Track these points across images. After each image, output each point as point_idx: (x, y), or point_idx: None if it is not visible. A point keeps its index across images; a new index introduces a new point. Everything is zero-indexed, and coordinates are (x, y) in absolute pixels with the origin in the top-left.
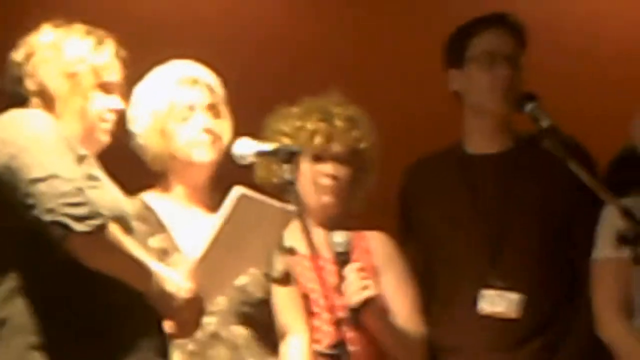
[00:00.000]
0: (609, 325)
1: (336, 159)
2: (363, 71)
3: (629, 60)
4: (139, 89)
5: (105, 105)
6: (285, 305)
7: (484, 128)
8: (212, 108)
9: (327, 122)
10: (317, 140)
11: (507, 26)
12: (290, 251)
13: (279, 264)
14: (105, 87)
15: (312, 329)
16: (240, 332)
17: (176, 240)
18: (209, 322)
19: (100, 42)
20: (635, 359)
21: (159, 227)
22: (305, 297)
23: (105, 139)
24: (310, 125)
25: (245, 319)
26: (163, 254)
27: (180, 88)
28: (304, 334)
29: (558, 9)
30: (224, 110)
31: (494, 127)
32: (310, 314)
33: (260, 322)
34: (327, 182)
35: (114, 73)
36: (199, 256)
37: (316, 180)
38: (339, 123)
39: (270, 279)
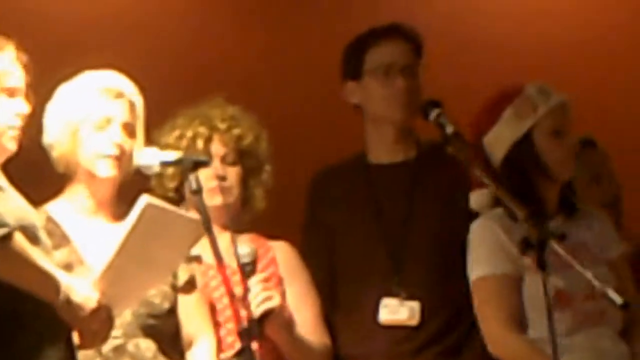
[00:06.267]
0: (501, 340)
1: (222, 159)
2: (270, 81)
3: (539, 56)
4: (64, 88)
5: (7, 109)
6: (190, 313)
7: (385, 139)
8: (128, 127)
9: (207, 125)
10: (199, 144)
11: (402, 36)
12: (196, 259)
13: (183, 273)
14: (7, 93)
15: (218, 339)
16: (146, 345)
17: (81, 253)
18: (114, 335)
19: None
20: None
21: (63, 239)
22: (212, 307)
23: (12, 146)
24: (190, 132)
25: (151, 331)
26: (68, 267)
27: (104, 97)
28: (209, 342)
29: (462, 8)
30: (140, 131)
31: (394, 138)
32: (216, 323)
33: (167, 333)
34: (214, 183)
35: (15, 78)
36: (105, 266)
37: (205, 182)
38: (218, 124)
39: (174, 288)
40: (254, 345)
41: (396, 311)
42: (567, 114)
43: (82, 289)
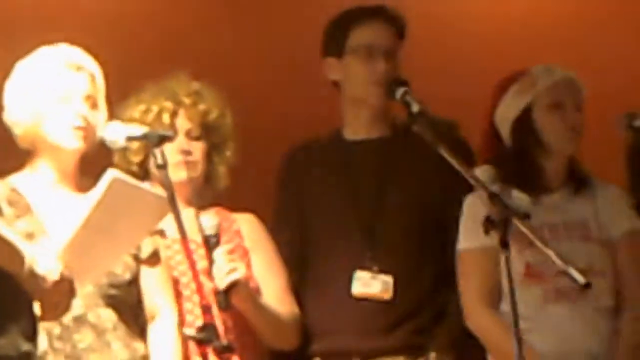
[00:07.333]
0: (475, 315)
1: (186, 134)
2: (239, 59)
3: (494, 55)
4: (23, 65)
5: None
6: (154, 286)
7: (362, 117)
8: (91, 98)
9: (172, 100)
10: (165, 118)
11: (387, 19)
12: (160, 233)
13: (147, 245)
14: None
15: (183, 312)
16: (107, 315)
17: (44, 223)
18: (75, 305)
19: None
20: (502, 349)
21: (26, 209)
22: (176, 281)
23: None
24: (155, 107)
25: (112, 302)
26: (30, 237)
27: (64, 71)
28: (172, 316)
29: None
30: (102, 103)
31: (371, 116)
32: (180, 297)
33: (129, 304)
34: (179, 158)
35: None
36: (69, 238)
37: (170, 157)
38: (184, 99)
39: (137, 259)
40: (218, 318)
41: (369, 284)
42: (573, 91)
43: (45, 261)
